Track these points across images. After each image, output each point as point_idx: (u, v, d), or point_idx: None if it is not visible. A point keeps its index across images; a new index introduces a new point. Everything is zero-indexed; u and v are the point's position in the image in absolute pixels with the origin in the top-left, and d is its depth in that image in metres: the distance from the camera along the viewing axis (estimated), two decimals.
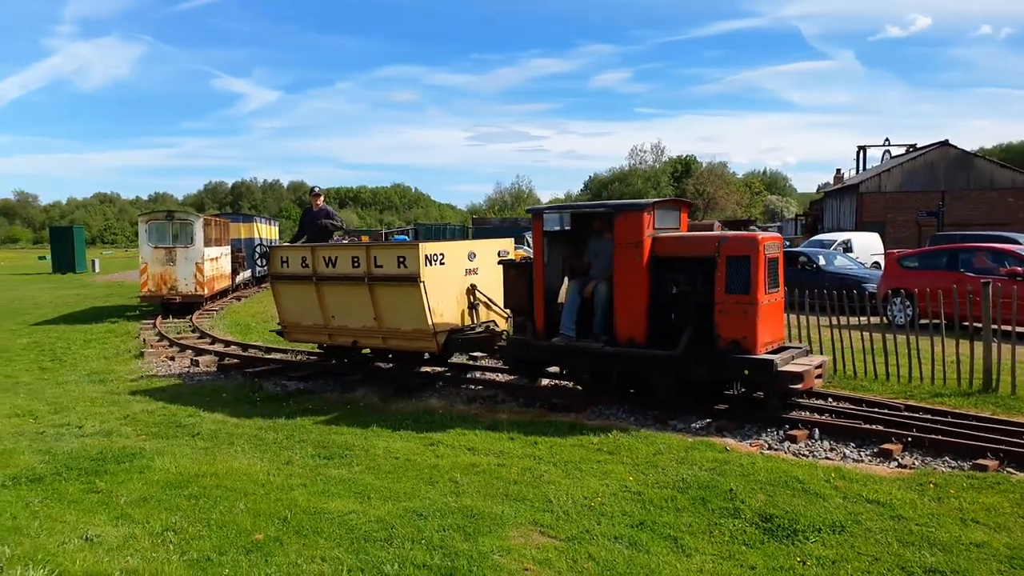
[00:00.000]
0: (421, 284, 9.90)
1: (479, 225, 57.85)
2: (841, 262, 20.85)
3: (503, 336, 10.57)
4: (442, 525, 5.52)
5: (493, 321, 10.86)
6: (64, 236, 48.07)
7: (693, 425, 8.27)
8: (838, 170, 57.68)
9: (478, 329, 10.58)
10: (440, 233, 51.96)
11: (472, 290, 10.70)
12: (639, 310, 8.58)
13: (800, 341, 11.22)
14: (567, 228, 9.78)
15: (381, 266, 10.34)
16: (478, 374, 11.09)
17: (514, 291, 9.75)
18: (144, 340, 15.79)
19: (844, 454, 7.27)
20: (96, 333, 17.31)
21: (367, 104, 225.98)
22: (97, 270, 46.70)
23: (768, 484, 6.20)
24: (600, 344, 8.89)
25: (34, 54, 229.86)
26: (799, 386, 7.93)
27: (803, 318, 11.16)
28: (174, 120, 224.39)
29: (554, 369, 10.20)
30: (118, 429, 8.52)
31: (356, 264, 10.55)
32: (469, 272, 10.76)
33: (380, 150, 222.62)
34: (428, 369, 11.60)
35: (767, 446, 7.54)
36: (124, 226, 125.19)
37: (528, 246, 25.43)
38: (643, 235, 8.49)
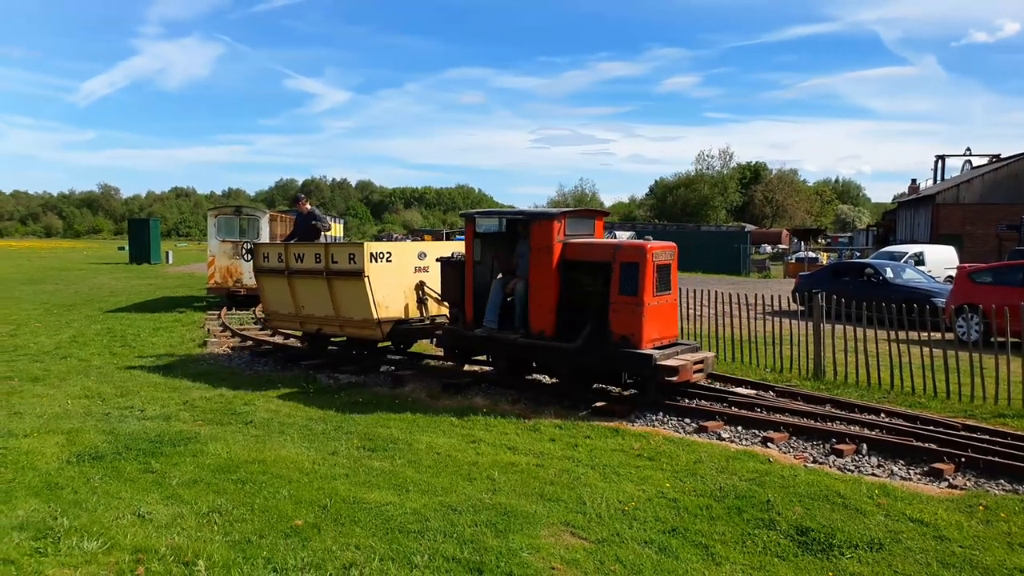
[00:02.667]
0: (366, 279, 11.09)
1: None
2: (910, 275, 20.22)
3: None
4: (475, 520, 5.61)
5: (444, 315, 11.67)
6: (141, 228, 49.88)
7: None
8: (913, 180, 55.96)
9: (426, 321, 11.73)
10: None
11: (421, 286, 11.73)
12: (549, 306, 9.51)
13: (851, 353, 10.98)
14: (501, 231, 10.76)
15: (337, 262, 11.55)
16: (526, 376, 11.14)
17: (449, 285, 10.74)
18: (208, 330, 16.36)
19: (892, 471, 7.09)
20: (165, 322, 18.00)
21: (435, 105, 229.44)
22: (171, 261, 48.50)
23: (807, 497, 6.11)
24: (516, 335, 9.83)
25: (121, 54, 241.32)
26: (675, 378, 8.68)
27: (859, 331, 10.88)
28: (249, 118, 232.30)
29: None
30: (177, 414, 8.88)
31: (318, 260, 11.80)
32: (419, 270, 11.82)
33: (446, 151, 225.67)
34: (476, 368, 11.73)
35: (811, 459, 7.41)
36: (198, 219, 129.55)
37: None
38: (553, 241, 9.44)
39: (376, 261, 11.21)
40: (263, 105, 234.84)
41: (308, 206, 13.90)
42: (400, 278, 11.59)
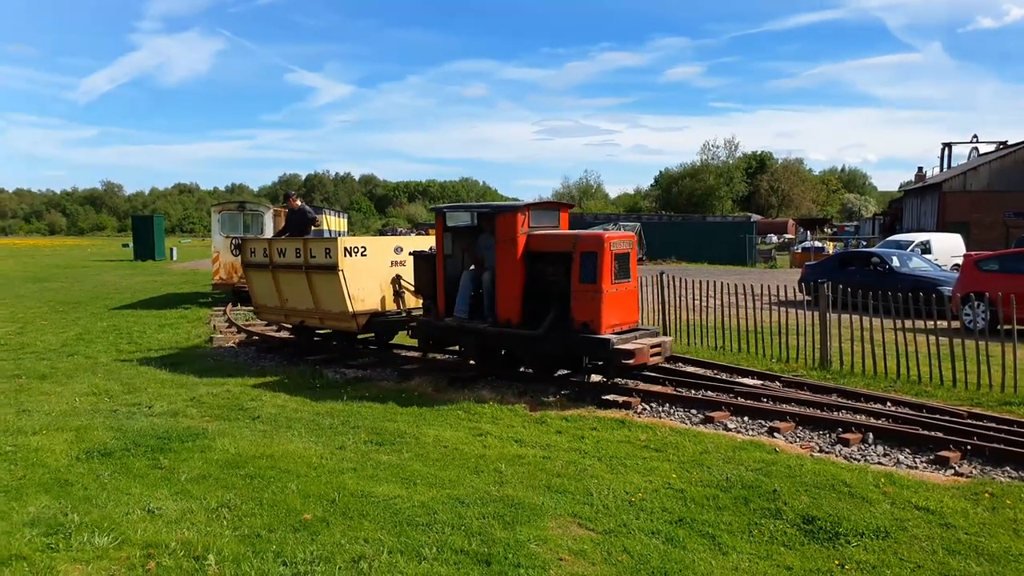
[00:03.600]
0: (340, 272, 11.43)
1: None
2: (916, 263, 20.15)
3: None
4: (483, 513, 5.64)
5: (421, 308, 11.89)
6: (145, 225, 49.92)
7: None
8: (919, 168, 55.70)
9: (402, 314, 12.00)
10: None
11: (397, 280, 11.99)
12: (515, 296, 9.83)
13: (857, 342, 11.00)
14: (472, 225, 11.07)
15: (315, 257, 11.91)
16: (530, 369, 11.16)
17: (422, 278, 11.08)
18: (214, 326, 16.40)
19: (898, 460, 7.10)
20: (170, 318, 18.05)
21: (438, 98, 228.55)
22: (175, 258, 48.51)
23: (814, 486, 6.12)
24: (485, 325, 10.16)
25: (120, 49, 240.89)
26: (631, 361, 8.98)
27: (866, 320, 10.86)
28: (252, 113, 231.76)
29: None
30: (184, 410, 8.93)
31: (298, 255, 12.17)
32: (395, 264, 12.07)
33: (449, 144, 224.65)
34: None
35: (818, 448, 7.43)
36: (202, 216, 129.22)
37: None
38: (518, 233, 9.75)
39: (350, 255, 11.54)
40: (265, 100, 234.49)
41: (299, 202, 14.39)
42: (376, 272, 11.88)
